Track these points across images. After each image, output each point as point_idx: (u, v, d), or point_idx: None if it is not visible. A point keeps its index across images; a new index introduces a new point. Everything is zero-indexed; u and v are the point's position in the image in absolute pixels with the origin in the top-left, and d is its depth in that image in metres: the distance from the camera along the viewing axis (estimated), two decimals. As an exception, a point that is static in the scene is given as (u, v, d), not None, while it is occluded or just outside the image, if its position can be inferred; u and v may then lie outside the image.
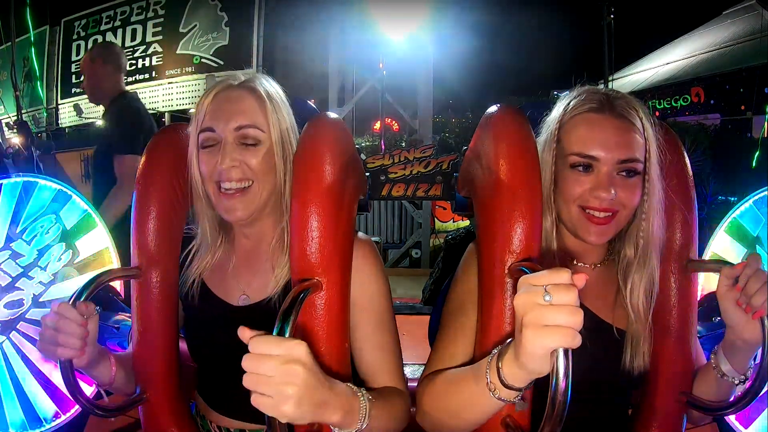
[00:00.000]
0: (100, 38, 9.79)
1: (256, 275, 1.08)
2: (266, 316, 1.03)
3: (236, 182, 1.00)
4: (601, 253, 1.09)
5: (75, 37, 10.13)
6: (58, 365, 0.91)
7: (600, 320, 1.03)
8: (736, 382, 0.94)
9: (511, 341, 0.72)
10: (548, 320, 0.62)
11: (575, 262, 1.07)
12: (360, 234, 1.05)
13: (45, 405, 1.46)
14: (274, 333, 0.75)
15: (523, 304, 0.65)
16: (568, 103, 1.04)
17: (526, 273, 0.81)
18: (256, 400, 0.64)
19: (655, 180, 1.00)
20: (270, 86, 1.07)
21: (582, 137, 0.99)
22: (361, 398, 0.80)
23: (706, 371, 0.99)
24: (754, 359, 0.94)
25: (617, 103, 1.00)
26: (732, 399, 0.97)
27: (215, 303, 1.08)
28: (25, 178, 1.49)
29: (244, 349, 0.66)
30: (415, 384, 0.99)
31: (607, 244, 1.08)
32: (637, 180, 0.99)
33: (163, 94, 9.31)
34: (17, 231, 1.47)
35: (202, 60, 8.84)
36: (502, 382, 0.72)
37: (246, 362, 0.64)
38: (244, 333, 0.66)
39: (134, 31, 9.47)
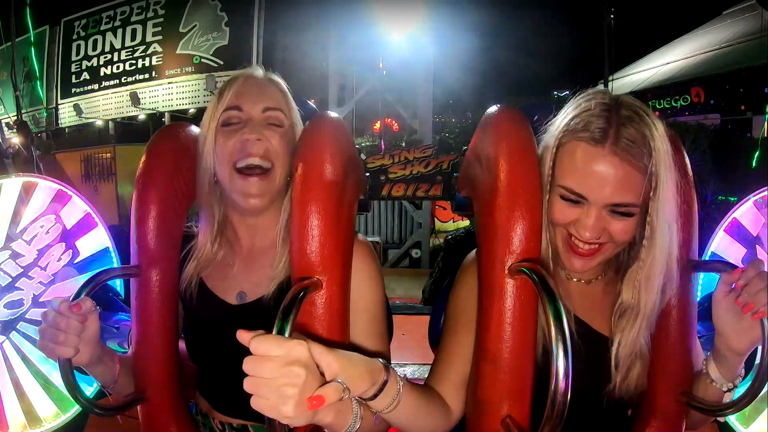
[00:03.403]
0: (100, 38, 9.81)
1: (253, 273, 1.08)
2: (262, 315, 1.03)
3: (259, 159, 1.01)
4: (597, 271, 1.04)
5: (75, 37, 10.13)
6: (58, 364, 0.91)
7: (594, 331, 1.02)
8: (724, 389, 0.93)
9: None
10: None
11: (570, 278, 1.04)
12: (359, 235, 1.06)
13: (45, 405, 1.46)
14: (274, 332, 0.75)
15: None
16: (570, 120, 0.92)
17: (526, 273, 0.81)
18: (256, 403, 0.64)
19: (662, 222, 0.90)
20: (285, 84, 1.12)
21: (574, 171, 0.90)
22: (353, 401, 0.80)
23: (698, 375, 0.99)
24: (747, 364, 0.94)
25: (624, 132, 0.87)
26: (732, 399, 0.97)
27: (213, 302, 1.08)
28: (25, 178, 1.49)
29: (240, 348, 0.65)
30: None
31: (604, 263, 1.02)
32: (633, 220, 0.91)
33: (163, 94, 9.32)
34: (17, 231, 1.47)
35: (202, 60, 8.85)
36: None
37: (247, 365, 0.64)
38: (243, 335, 0.66)
39: (134, 31, 9.47)
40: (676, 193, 0.91)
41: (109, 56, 9.79)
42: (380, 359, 0.78)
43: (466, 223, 5.40)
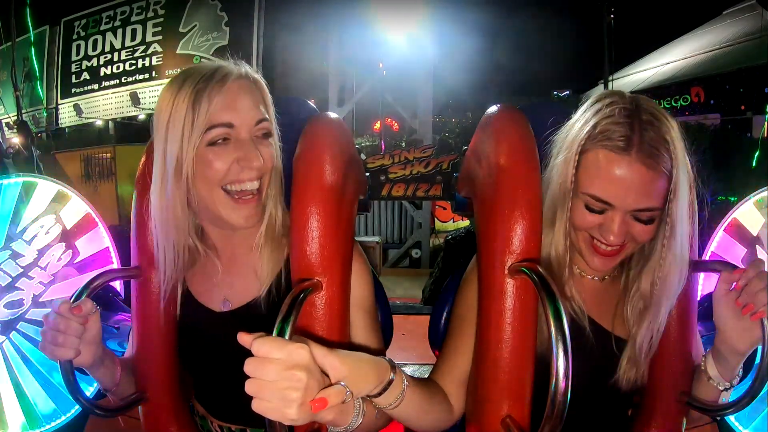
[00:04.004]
0: (100, 38, 9.80)
1: (237, 279, 1.05)
2: (246, 321, 1.01)
3: (256, 181, 0.95)
4: (613, 268, 1.04)
5: (75, 37, 10.12)
6: (59, 365, 0.91)
7: (601, 328, 1.02)
8: (721, 388, 0.94)
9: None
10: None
11: (584, 275, 1.04)
12: None
13: (45, 405, 1.46)
14: (275, 334, 0.75)
15: None
16: (591, 127, 0.91)
17: (526, 273, 0.81)
18: (258, 406, 0.64)
19: (680, 222, 0.91)
20: None
21: (600, 179, 0.90)
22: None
23: (697, 373, 0.99)
24: (747, 365, 0.94)
25: (647, 136, 0.87)
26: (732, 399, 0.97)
27: (198, 310, 1.06)
28: (25, 178, 1.50)
29: (229, 354, 0.65)
30: None
31: None
32: (655, 223, 0.93)
33: (163, 94, 9.31)
34: (17, 231, 1.47)
35: (202, 60, 8.85)
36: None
37: (248, 367, 0.64)
38: (244, 338, 0.66)
39: (134, 31, 9.47)
40: (689, 191, 0.93)
41: (109, 56, 9.78)
42: (386, 357, 0.78)
43: (466, 223, 5.40)
